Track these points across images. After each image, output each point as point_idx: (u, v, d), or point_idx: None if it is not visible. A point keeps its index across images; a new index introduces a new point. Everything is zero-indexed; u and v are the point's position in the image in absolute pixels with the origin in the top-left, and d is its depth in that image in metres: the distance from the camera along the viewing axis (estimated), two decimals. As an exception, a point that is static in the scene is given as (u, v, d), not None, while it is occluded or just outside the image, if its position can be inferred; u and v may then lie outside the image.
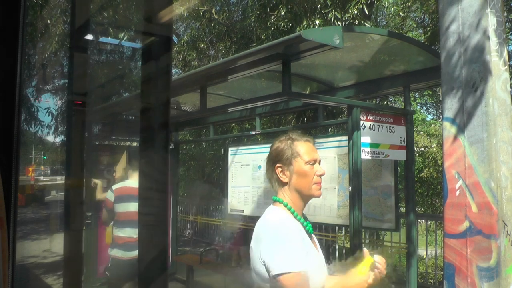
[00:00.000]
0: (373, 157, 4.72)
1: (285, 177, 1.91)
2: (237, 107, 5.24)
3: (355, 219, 4.36)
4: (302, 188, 1.91)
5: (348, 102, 4.57)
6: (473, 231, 3.05)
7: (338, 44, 3.50)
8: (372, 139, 4.70)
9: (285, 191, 1.93)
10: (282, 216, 1.87)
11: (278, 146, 1.94)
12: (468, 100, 3.13)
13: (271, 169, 1.95)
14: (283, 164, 1.90)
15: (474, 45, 3.05)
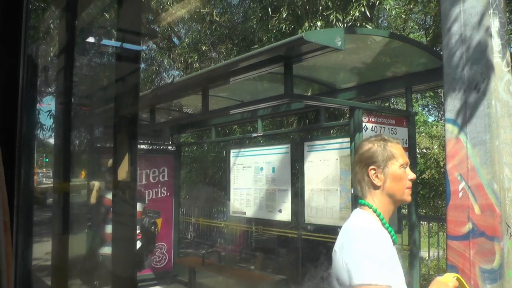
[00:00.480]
0: (375, 159, 4.71)
1: (379, 181, 1.80)
2: (239, 109, 5.24)
3: (358, 221, 4.35)
4: (396, 192, 1.80)
5: (350, 104, 4.57)
6: (476, 233, 3.04)
7: (340, 46, 3.50)
8: (374, 141, 4.69)
9: (376, 195, 1.81)
10: (370, 222, 1.76)
11: (371, 147, 1.82)
12: (470, 101, 3.13)
13: (362, 172, 1.83)
14: (377, 166, 1.79)
15: (476, 46, 3.05)
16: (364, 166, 1.82)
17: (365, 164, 1.82)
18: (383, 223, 1.78)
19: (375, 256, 1.60)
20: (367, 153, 1.83)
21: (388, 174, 1.79)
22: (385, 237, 1.72)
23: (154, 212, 7.94)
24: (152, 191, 7.95)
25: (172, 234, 8.16)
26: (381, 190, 1.80)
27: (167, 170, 8.09)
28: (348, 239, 1.72)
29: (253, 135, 6.88)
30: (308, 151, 6.05)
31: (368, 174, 1.80)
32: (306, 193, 6.05)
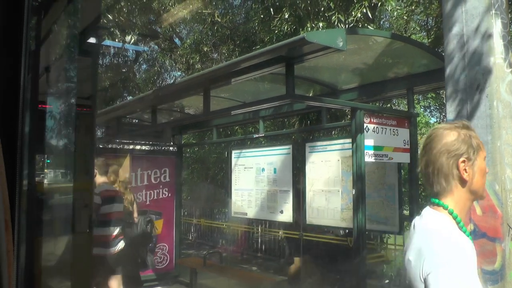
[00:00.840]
0: (376, 159, 4.70)
1: (467, 175, 1.55)
2: (240, 110, 5.24)
3: (359, 222, 4.35)
4: (479, 188, 1.59)
5: (351, 105, 4.57)
6: (477, 234, 3.03)
7: (342, 47, 3.49)
8: (376, 142, 4.69)
9: (458, 192, 1.57)
10: (450, 227, 1.53)
11: (457, 136, 1.58)
12: (471, 102, 3.13)
13: (449, 165, 1.56)
14: (467, 158, 1.55)
15: (478, 47, 3.05)
16: (452, 157, 1.56)
17: (453, 156, 1.56)
18: (461, 227, 1.56)
19: (456, 267, 1.42)
20: (455, 143, 1.57)
21: (477, 167, 1.57)
22: (470, 247, 1.50)
23: (155, 212, 7.96)
24: (154, 192, 7.95)
25: (173, 234, 8.15)
26: (467, 186, 1.57)
27: (169, 171, 8.09)
28: (427, 248, 1.50)
29: (255, 136, 6.88)
30: (310, 152, 6.06)
31: (458, 167, 1.56)
32: (308, 194, 6.05)
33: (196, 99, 6.33)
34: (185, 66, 13.66)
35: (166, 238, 8.07)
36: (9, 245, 0.79)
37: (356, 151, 4.42)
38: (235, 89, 6.23)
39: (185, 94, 5.55)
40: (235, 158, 7.14)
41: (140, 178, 7.83)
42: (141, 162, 7.89)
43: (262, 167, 6.68)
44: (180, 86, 5.65)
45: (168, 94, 5.76)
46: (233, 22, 13.03)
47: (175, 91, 5.68)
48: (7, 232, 0.79)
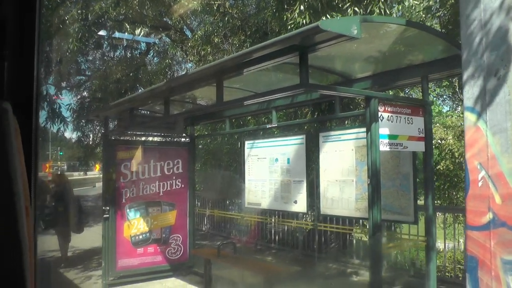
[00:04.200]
0: (391, 148, 4.65)
1: None
2: (253, 100, 5.20)
3: (375, 213, 4.31)
4: None
5: (366, 93, 4.52)
6: (496, 223, 2.99)
7: (356, 34, 3.44)
8: (390, 131, 4.63)
9: None
10: None
11: None
12: (490, 88, 3.06)
13: None
14: None
15: (497, 31, 2.98)
16: None
17: None
18: None
19: None
20: None
21: None
22: None
23: (168, 203, 8.00)
24: (167, 183, 7.98)
25: (187, 225, 8.19)
26: None
27: (182, 162, 8.11)
28: None
29: (268, 126, 6.85)
30: (323, 142, 6.02)
31: None
32: (322, 184, 6.02)
33: (209, 90, 6.30)
34: (196, 58, 13.62)
35: (180, 229, 8.11)
36: (30, 231, 0.81)
37: (371, 140, 4.37)
38: (247, 80, 6.20)
39: (198, 85, 5.52)
40: (248, 149, 7.12)
41: (153, 169, 7.86)
42: (154, 154, 7.91)
43: (275, 157, 6.66)
44: (193, 77, 5.63)
45: (181, 85, 5.75)
46: (244, 13, 12.94)
47: (188, 82, 5.66)
48: (28, 219, 0.81)
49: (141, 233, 7.77)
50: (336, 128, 6.11)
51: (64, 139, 39.45)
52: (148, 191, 7.81)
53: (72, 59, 14.17)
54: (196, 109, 7.52)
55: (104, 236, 7.54)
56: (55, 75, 14.61)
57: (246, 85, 6.47)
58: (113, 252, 7.50)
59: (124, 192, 7.64)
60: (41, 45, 1.06)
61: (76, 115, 15.29)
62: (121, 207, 7.61)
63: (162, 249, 7.95)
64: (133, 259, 7.67)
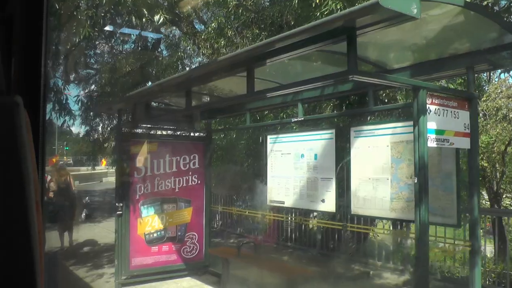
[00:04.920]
0: (438, 145, 4.27)
1: None
2: (291, 89, 4.72)
3: (422, 213, 3.93)
4: None
5: (415, 83, 4.12)
6: None
7: (416, 14, 3.06)
8: (437, 125, 4.25)
9: None
10: None
11: None
12: None
13: None
14: None
15: None
16: None
17: None
18: None
19: None
20: None
21: None
22: None
23: (184, 200, 7.64)
24: (182, 179, 7.62)
25: (203, 223, 7.83)
26: None
27: (198, 157, 7.74)
28: None
29: (293, 120, 6.45)
30: (355, 137, 5.63)
31: None
32: (353, 182, 5.64)
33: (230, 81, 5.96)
34: (209, 51, 13.25)
35: (196, 226, 7.76)
36: (40, 225, 0.82)
37: (419, 134, 3.99)
38: (272, 70, 5.82)
39: (225, 74, 5.13)
40: (271, 144, 6.74)
41: (169, 164, 7.50)
42: (170, 148, 7.56)
43: (301, 153, 6.28)
44: (220, 65, 5.24)
45: (205, 74, 5.36)
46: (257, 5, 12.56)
47: (214, 71, 5.27)
48: (38, 213, 0.81)
49: (156, 231, 7.41)
50: (370, 123, 5.71)
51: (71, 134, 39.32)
52: (163, 187, 7.45)
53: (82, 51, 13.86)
54: (221, 101, 7.08)
55: (117, 233, 7.19)
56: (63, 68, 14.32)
57: (269, 75, 6.08)
58: (126, 250, 7.15)
59: (138, 188, 7.28)
60: (49, 40, 1.07)
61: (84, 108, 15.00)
62: (135, 203, 7.26)
63: (177, 248, 7.59)
64: (147, 257, 7.32)
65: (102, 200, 21.50)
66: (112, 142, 15.53)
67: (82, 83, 16.21)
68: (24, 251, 0.77)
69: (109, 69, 15.15)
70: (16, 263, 0.76)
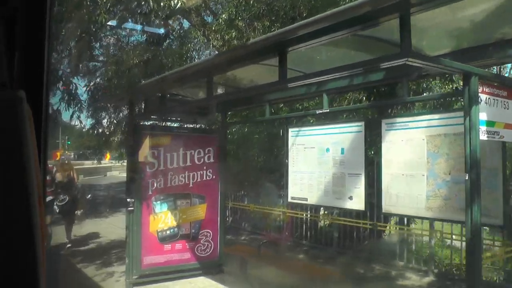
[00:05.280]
0: (488, 138, 3.89)
1: None
2: (329, 76, 4.32)
3: (475, 213, 3.55)
4: None
5: (467, 69, 3.73)
6: None
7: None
8: (488, 116, 3.87)
9: None
10: None
11: None
12: None
13: None
14: None
15: None
16: None
17: None
18: None
19: None
20: None
21: None
22: None
23: (198, 196, 7.28)
24: (197, 174, 7.23)
25: (217, 220, 7.45)
26: None
27: (213, 151, 7.36)
28: None
29: (318, 111, 6.05)
30: (387, 130, 5.25)
31: None
32: (384, 178, 5.26)
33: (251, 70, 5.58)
34: (220, 42, 12.86)
35: (210, 224, 7.37)
36: (42, 219, 0.82)
37: (470, 126, 3.61)
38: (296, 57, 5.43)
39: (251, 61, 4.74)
40: (293, 137, 6.36)
41: (183, 158, 7.12)
42: (184, 141, 7.17)
43: (326, 147, 5.90)
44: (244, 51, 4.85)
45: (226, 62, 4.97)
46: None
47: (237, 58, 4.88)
48: (41, 207, 0.81)
49: (169, 228, 7.03)
50: (404, 115, 5.32)
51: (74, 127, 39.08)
52: (176, 182, 7.07)
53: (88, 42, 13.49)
54: (248, 90, 6.59)
55: (128, 230, 6.82)
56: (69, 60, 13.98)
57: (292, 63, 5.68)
58: (138, 248, 6.78)
59: (151, 183, 6.90)
60: (52, 34, 1.06)
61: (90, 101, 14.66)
62: (147, 199, 6.88)
63: (191, 246, 7.21)
64: (160, 256, 6.94)
65: (107, 194, 21.14)
66: (118, 136, 15.19)
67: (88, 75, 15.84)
68: (26, 246, 0.76)
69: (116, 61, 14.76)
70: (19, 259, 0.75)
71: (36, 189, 0.78)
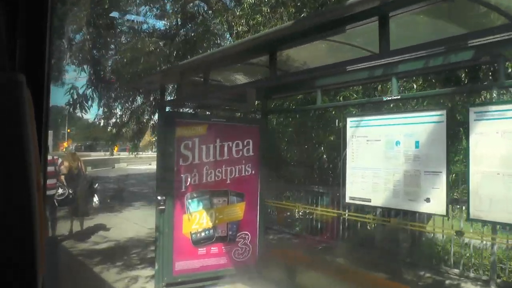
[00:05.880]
0: None
1: None
2: (412, 54, 3.51)
3: None
4: None
5: None
6: None
7: None
8: None
9: None
10: None
11: None
12: None
13: None
14: None
15: None
16: None
17: None
18: None
19: None
20: None
21: None
22: None
23: (236, 194, 6.47)
24: (235, 168, 6.42)
25: (257, 220, 6.64)
26: None
27: (252, 143, 6.54)
28: None
29: (385, 98, 5.19)
30: (477, 120, 4.40)
31: None
32: (473, 177, 4.41)
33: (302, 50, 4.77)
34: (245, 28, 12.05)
35: (248, 224, 6.57)
36: (41, 207, 0.82)
37: None
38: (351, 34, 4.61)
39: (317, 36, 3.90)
40: (352, 128, 5.51)
41: (220, 151, 6.30)
42: (221, 132, 6.35)
43: (396, 140, 5.04)
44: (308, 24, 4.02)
45: (292, 35, 4.13)
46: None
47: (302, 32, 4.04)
48: (39, 193, 0.80)
49: (204, 230, 6.23)
50: (499, 102, 4.45)
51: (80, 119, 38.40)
52: (212, 177, 6.26)
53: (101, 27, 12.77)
54: (300, 73, 5.75)
55: (159, 232, 6.03)
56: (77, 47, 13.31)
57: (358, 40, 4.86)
58: (169, 253, 5.99)
59: (185, 178, 6.09)
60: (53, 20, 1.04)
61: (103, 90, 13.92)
62: (180, 196, 6.08)
63: (228, 250, 6.41)
64: (194, 261, 6.15)
65: (117, 187, 20.36)
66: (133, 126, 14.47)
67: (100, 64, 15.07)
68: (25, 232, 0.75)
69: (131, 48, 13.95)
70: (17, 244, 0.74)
71: (35, 173, 0.77)
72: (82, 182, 9.99)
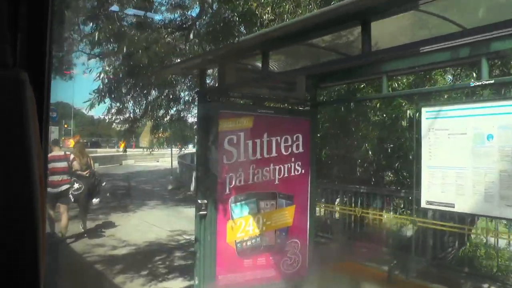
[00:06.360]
0: None
1: None
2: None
3: None
4: None
5: None
6: None
7: None
8: None
9: None
10: None
11: None
12: None
13: None
14: None
15: None
16: None
17: None
18: None
19: None
20: None
21: None
22: None
23: (285, 196, 5.70)
24: (284, 167, 5.65)
25: (307, 227, 5.88)
26: None
27: (302, 138, 5.76)
28: None
29: (473, 83, 4.40)
30: None
31: None
32: None
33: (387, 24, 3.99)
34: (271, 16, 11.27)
35: (298, 231, 5.81)
36: (43, 201, 0.80)
37: None
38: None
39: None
40: (430, 120, 4.72)
41: (267, 147, 5.53)
42: (268, 125, 5.58)
43: (486, 134, 4.25)
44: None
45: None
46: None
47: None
48: (41, 188, 0.79)
49: (250, 238, 5.47)
50: None
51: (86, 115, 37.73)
52: (260, 177, 5.49)
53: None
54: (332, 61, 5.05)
55: (199, 241, 5.27)
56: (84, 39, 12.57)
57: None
58: (212, 264, 5.22)
59: (229, 179, 5.31)
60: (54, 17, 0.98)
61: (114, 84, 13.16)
62: (224, 200, 5.30)
63: (276, 260, 5.65)
64: (239, 274, 5.39)
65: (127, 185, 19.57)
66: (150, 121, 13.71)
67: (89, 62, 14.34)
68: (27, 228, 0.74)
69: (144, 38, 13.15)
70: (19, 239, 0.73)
71: (37, 169, 0.76)
72: (91, 178, 9.98)
